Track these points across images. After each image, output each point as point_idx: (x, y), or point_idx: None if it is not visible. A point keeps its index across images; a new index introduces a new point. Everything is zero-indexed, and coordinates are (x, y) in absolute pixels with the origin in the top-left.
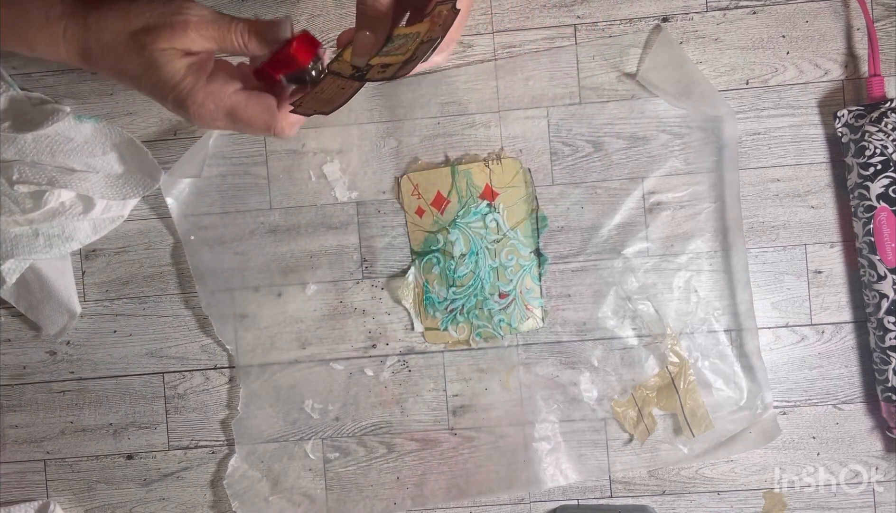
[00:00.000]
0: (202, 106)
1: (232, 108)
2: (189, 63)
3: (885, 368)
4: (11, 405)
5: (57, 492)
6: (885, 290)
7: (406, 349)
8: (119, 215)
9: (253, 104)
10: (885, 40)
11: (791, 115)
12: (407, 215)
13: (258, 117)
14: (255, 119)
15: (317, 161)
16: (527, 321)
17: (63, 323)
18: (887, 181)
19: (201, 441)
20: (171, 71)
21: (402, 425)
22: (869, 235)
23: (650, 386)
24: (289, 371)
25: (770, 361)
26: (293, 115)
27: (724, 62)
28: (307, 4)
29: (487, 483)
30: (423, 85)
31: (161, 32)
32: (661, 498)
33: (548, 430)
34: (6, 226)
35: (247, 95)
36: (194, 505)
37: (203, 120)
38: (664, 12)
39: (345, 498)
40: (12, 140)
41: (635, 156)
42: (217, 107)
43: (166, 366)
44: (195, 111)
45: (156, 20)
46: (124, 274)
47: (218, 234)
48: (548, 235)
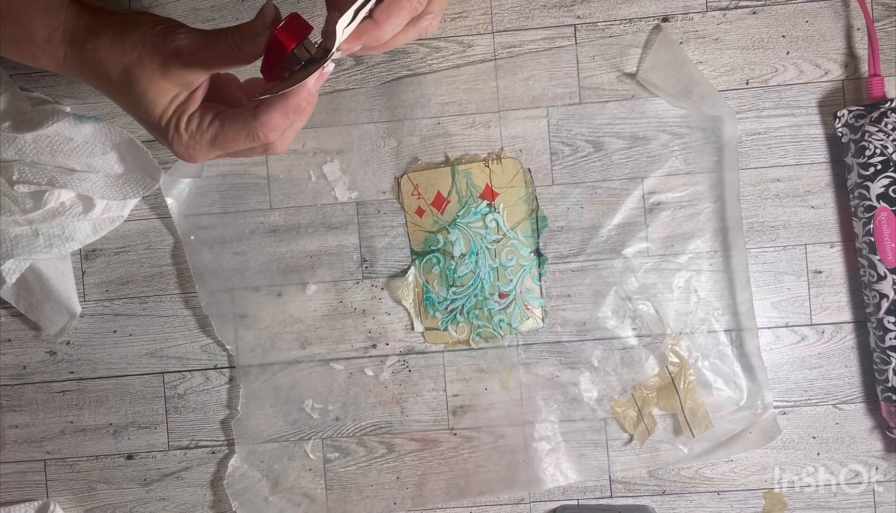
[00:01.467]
0: (188, 147)
1: (213, 135)
2: (178, 103)
3: (885, 369)
4: (11, 405)
5: (57, 492)
6: (885, 290)
7: (406, 349)
8: (119, 215)
9: (229, 123)
10: (885, 40)
11: (791, 116)
12: (407, 215)
13: (239, 132)
14: (237, 135)
15: (317, 161)
16: (527, 321)
17: (63, 323)
18: (887, 181)
19: (201, 441)
20: (157, 112)
21: (402, 425)
22: (869, 235)
23: (650, 386)
24: (289, 371)
25: (770, 361)
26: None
27: (724, 62)
28: (307, 4)
29: (487, 483)
30: (423, 85)
31: (151, 69)
32: (661, 498)
33: (548, 430)
34: (6, 226)
35: (223, 117)
36: (194, 505)
37: (192, 158)
38: (664, 12)
39: (345, 498)
40: (12, 140)
41: (635, 156)
42: (201, 141)
43: (166, 366)
44: (182, 153)
45: (147, 52)
46: (124, 274)
47: (218, 234)
48: (548, 234)
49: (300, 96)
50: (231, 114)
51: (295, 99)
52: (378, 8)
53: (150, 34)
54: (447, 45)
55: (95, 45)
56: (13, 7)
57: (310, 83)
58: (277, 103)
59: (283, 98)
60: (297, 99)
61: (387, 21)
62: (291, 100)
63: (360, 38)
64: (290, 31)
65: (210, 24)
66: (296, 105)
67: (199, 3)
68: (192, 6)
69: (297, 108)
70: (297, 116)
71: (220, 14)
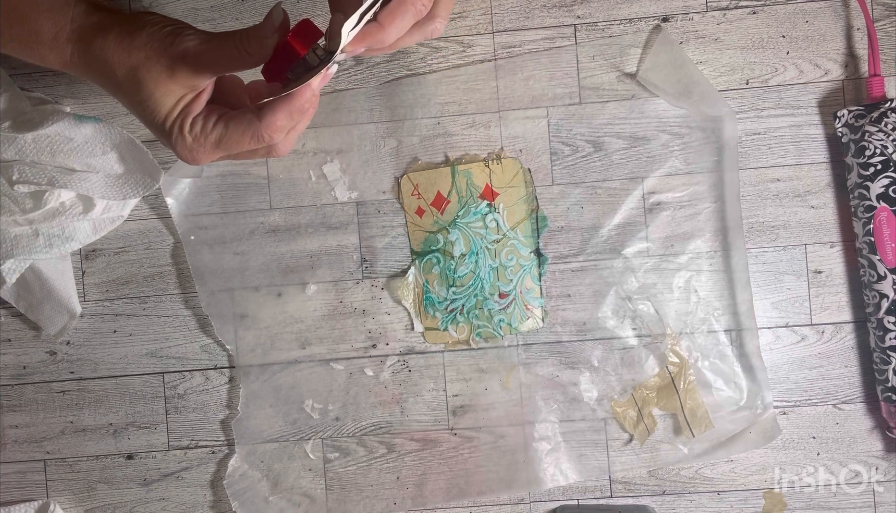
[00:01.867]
0: (191, 149)
1: (217, 138)
2: (183, 105)
3: (885, 369)
4: (11, 405)
5: (57, 492)
6: (885, 290)
7: (406, 349)
8: (119, 215)
9: (234, 124)
10: (885, 40)
11: (791, 116)
12: (407, 215)
13: (243, 134)
14: (241, 137)
15: (317, 161)
16: (527, 321)
17: (63, 323)
18: (887, 181)
19: (201, 441)
20: (162, 113)
21: (401, 425)
22: (869, 235)
23: (650, 386)
24: (289, 371)
25: (770, 361)
26: (279, 119)
27: (724, 62)
28: (307, 4)
29: (488, 483)
30: (424, 85)
31: (158, 70)
32: (661, 498)
33: (548, 430)
34: (6, 226)
35: (227, 118)
36: (194, 505)
37: (196, 161)
38: (664, 12)
39: (345, 498)
40: (12, 140)
41: (635, 156)
42: (205, 144)
43: (166, 366)
44: (186, 155)
45: (155, 53)
46: (124, 274)
47: (218, 234)
48: (548, 234)
49: (304, 97)
50: (235, 116)
51: (299, 100)
52: (383, 11)
53: (159, 35)
54: (447, 45)
55: (103, 45)
56: (19, 6)
57: (314, 84)
58: (282, 105)
59: (288, 99)
60: (302, 100)
61: (391, 24)
62: (296, 101)
63: (364, 40)
64: (303, 36)
65: (210, 24)
66: (300, 106)
67: (199, 3)
68: (192, 6)
69: (301, 109)
70: (300, 117)
71: (219, 14)
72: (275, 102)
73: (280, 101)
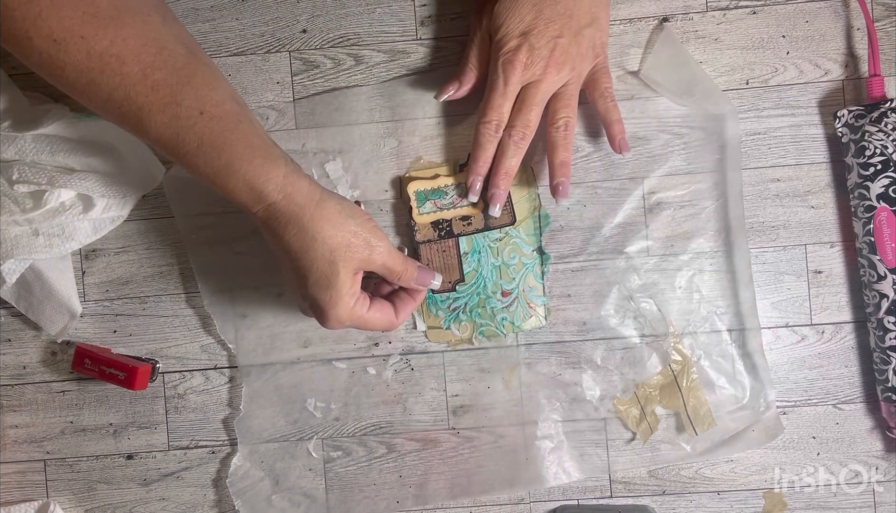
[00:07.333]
0: (339, 321)
1: (360, 318)
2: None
3: (885, 369)
4: (11, 405)
5: (57, 492)
6: (885, 290)
7: (408, 348)
8: (119, 215)
9: (377, 317)
10: (885, 40)
11: (791, 116)
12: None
13: (380, 323)
14: (377, 325)
15: (318, 160)
16: (530, 320)
17: (63, 323)
18: (887, 181)
19: (201, 441)
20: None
21: (403, 424)
22: (869, 235)
23: (653, 384)
24: (290, 370)
25: (770, 360)
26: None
27: (724, 62)
28: (307, 4)
29: (490, 482)
30: (424, 85)
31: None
32: (661, 498)
33: (550, 428)
34: (6, 226)
35: (371, 308)
36: (194, 505)
37: (331, 326)
38: (664, 12)
39: (346, 498)
40: (12, 140)
41: (636, 155)
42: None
43: (166, 366)
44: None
45: (357, 245)
46: (124, 274)
47: (218, 233)
48: (549, 234)
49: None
50: (378, 307)
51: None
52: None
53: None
54: (447, 45)
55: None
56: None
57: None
58: (413, 305)
59: (415, 301)
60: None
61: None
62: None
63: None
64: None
65: (210, 24)
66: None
67: (199, 3)
68: (193, 6)
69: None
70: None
71: (220, 14)
72: (408, 303)
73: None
